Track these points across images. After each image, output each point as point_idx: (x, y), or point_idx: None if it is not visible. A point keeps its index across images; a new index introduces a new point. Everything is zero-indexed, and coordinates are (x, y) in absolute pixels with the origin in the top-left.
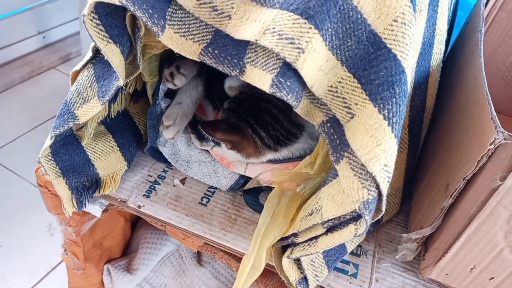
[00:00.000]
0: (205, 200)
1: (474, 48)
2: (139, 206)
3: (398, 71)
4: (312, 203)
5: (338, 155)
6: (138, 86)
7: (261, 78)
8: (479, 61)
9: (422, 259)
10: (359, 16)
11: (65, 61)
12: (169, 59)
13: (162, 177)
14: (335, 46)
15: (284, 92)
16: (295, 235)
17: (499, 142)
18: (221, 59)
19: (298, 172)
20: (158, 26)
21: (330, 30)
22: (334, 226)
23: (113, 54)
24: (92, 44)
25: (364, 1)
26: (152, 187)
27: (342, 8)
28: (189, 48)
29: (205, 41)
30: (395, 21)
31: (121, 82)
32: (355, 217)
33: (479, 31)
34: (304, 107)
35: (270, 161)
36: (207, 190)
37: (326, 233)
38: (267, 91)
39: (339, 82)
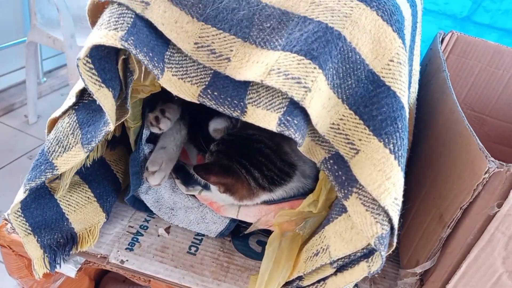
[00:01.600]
0: (193, 248)
1: (443, 87)
2: (122, 261)
3: (399, 107)
4: (316, 243)
5: (346, 191)
6: (117, 132)
7: (265, 117)
8: (452, 97)
9: None
10: (358, 57)
11: (8, 112)
12: (151, 103)
13: (145, 227)
14: (336, 85)
15: (292, 130)
16: (300, 278)
17: (493, 171)
18: (221, 100)
19: (301, 211)
20: (158, 69)
21: (331, 70)
22: (344, 265)
23: (106, 98)
24: (75, 89)
25: (362, 43)
26: (135, 239)
27: (342, 49)
28: (187, 91)
29: (203, 83)
30: (391, 61)
31: (111, 127)
32: (366, 254)
33: (443, 71)
34: (306, 145)
35: (265, 202)
36: (194, 238)
37: (335, 273)
38: (274, 130)
39: (341, 119)
